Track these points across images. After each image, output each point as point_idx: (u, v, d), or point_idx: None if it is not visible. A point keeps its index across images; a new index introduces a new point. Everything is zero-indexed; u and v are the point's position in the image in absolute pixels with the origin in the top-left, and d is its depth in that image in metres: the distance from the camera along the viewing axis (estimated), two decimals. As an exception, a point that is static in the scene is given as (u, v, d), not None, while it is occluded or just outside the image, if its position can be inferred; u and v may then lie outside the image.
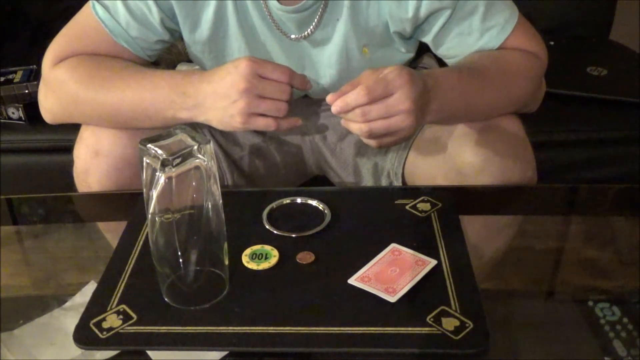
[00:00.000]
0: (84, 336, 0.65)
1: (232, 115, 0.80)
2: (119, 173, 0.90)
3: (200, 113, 0.83)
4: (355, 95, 0.74)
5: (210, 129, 1.04)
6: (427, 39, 0.93)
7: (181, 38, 0.96)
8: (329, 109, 1.04)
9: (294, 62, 0.95)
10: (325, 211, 0.82)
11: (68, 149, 1.36)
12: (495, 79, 0.89)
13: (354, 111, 0.75)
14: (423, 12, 0.87)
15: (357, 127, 0.76)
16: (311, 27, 0.91)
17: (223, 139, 1.06)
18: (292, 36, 0.92)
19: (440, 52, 0.94)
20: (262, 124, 0.81)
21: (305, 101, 1.03)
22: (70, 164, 0.96)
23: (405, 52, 0.96)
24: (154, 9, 0.89)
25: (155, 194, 0.62)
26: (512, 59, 0.90)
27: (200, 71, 0.88)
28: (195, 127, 1.01)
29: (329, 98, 0.77)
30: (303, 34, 0.92)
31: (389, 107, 0.74)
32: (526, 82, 0.92)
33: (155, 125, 0.87)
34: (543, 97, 0.98)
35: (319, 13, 0.90)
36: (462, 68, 0.91)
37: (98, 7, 0.90)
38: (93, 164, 0.91)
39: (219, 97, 0.81)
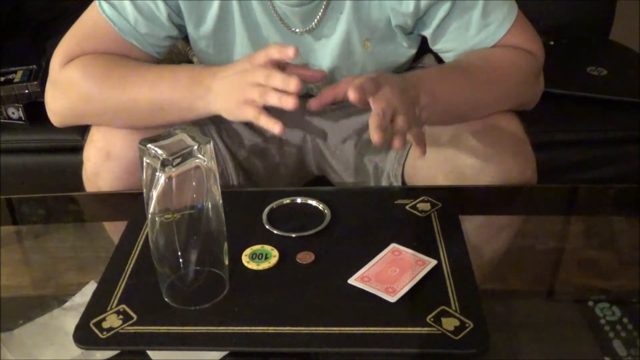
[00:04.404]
0: (84, 336, 0.65)
1: (236, 100, 0.81)
2: (130, 176, 0.90)
3: (213, 100, 0.84)
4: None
5: (218, 130, 1.04)
6: (427, 33, 0.93)
7: (184, 37, 0.97)
8: (329, 110, 1.06)
9: (297, 56, 0.95)
10: (325, 211, 0.82)
11: (68, 149, 1.37)
12: (482, 75, 0.89)
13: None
14: (423, 5, 0.88)
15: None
16: (315, 20, 0.91)
17: (229, 140, 1.06)
18: (296, 30, 0.93)
19: (438, 47, 0.95)
20: (250, 112, 0.79)
21: (307, 101, 1.03)
22: (70, 164, 0.96)
23: (407, 47, 0.96)
24: (161, 5, 0.90)
25: (155, 194, 0.62)
26: (502, 56, 0.91)
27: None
28: (202, 128, 1.01)
29: (316, 102, 0.80)
30: (307, 28, 0.92)
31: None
32: (517, 78, 0.92)
33: (171, 120, 0.87)
34: (541, 95, 0.98)
35: (322, 7, 0.90)
36: (443, 66, 0.92)
37: (105, 5, 0.90)
38: (104, 166, 0.90)
39: (228, 83, 0.82)
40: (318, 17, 0.91)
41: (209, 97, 0.84)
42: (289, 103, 0.75)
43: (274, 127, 0.76)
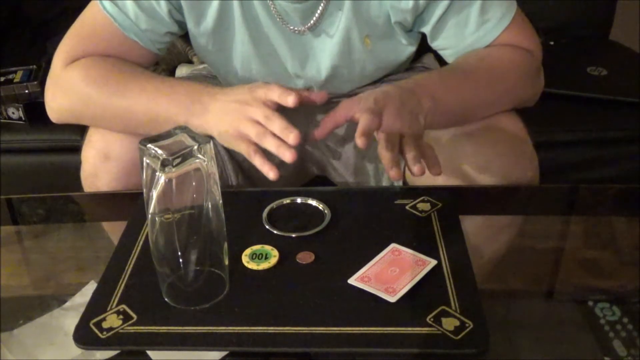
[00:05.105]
0: (84, 336, 0.65)
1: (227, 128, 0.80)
2: (128, 177, 0.90)
3: (207, 122, 0.83)
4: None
5: None
6: (426, 29, 0.93)
7: (185, 35, 0.97)
8: (330, 110, 1.06)
9: (297, 54, 0.95)
10: (325, 211, 0.82)
11: (68, 149, 1.37)
12: (481, 75, 0.89)
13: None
14: (422, 2, 0.88)
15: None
16: (314, 18, 0.91)
17: None
18: (296, 28, 0.93)
19: (436, 43, 0.95)
20: (243, 147, 0.79)
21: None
22: (70, 164, 0.96)
23: (407, 45, 0.97)
24: (162, 1, 0.90)
25: (155, 194, 0.62)
26: (500, 56, 0.91)
27: (222, 86, 0.88)
28: None
29: (319, 132, 0.78)
30: (306, 25, 0.92)
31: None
32: (516, 77, 0.92)
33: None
34: (541, 93, 0.98)
35: (322, 4, 0.90)
36: (442, 69, 0.93)
37: (106, 2, 0.90)
38: (102, 167, 0.91)
39: (225, 110, 0.81)
40: (318, 14, 0.91)
41: (205, 117, 0.83)
42: (286, 156, 0.75)
43: (268, 173, 0.76)
